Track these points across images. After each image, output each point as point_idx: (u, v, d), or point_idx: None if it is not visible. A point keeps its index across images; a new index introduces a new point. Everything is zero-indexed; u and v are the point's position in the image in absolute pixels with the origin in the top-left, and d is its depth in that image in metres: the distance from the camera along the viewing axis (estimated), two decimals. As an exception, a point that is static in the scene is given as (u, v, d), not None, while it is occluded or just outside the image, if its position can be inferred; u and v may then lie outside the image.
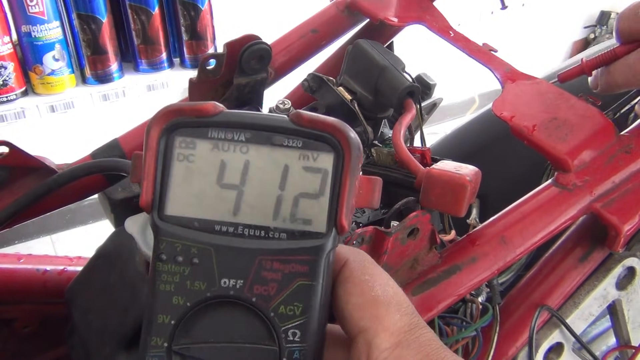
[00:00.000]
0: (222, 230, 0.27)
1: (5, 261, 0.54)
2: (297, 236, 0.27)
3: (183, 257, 0.27)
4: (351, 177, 0.27)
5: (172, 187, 0.27)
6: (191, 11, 1.66)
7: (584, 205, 0.50)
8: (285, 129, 0.27)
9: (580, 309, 0.54)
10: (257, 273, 0.27)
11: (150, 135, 0.27)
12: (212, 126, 0.27)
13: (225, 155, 0.27)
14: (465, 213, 0.42)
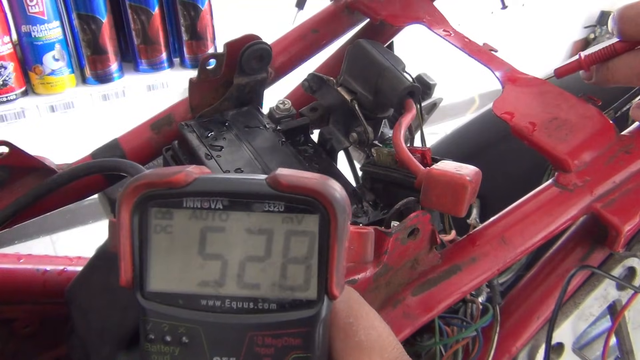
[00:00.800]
0: (208, 305, 0.26)
1: (5, 261, 0.54)
2: (287, 307, 0.26)
3: (171, 336, 0.26)
4: (339, 241, 0.26)
5: (152, 262, 0.26)
6: (191, 11, 1.66)
7: (584, 206, 0.50)
8: (264, 195, 0.26)
9: (581, 309, 0.54)
10: (249, 349, 0.26)
11: (121, 212, 0.26)
12: (186, 196, 0.26)
13: (204, 224, 0.26)
14: (466, 213, 0.42)
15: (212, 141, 0.51)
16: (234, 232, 0.26)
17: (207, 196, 0.26)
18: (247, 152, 0.51)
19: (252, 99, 0.57)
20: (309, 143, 0.56)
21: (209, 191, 0.26)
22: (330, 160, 0.55)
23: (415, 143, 0.59)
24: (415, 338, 0.48)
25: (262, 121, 0.55)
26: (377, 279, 0.41)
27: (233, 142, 0.52)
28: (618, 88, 0.53)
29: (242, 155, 0.50)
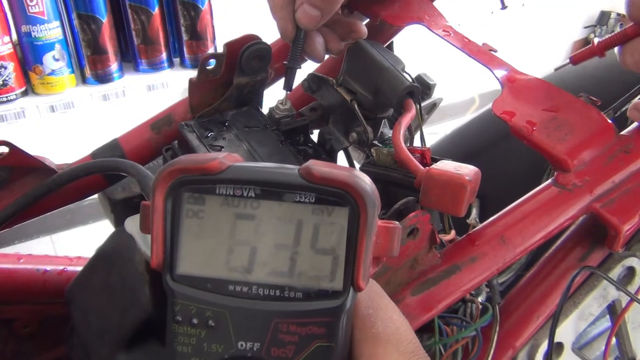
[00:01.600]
0: (236, 290, 0.27)
1: (5, 261, 0.54)
2: (313, 296, 0.26)
3: (198, 319, 0.27)
4: (368, 234, 0.26)
5: (183, 245, 0.27)
6: (191, 11, 1.66)
7: (583, 205, 0.50)
8: (295, 185, 0.26)
9: (580, 308, 0.54)
10: (273, 335, 0.26)
11: (155, 195, 0.26)
12: (219, 183, 0.26)
13: (236, 211, 0.26)
14: (465, 213, 0.42)
15: (212, 141, 0.52)
16: (265, 220, 0.26)
17: (240, 184, 0.26)
18: (247, 152, 0.51)
19: (252, 99, 0.57)
20: (309, 143, 0.56)
21: (242, 179, 0.26)
22: (330, 160, 0.55)
23: (415, 143, 0.59)
24: (415, 338, 0.48)
25: (262, 121, 0.55)
26: (376, 279, 0.41)
27: (233, 142, 0.52)
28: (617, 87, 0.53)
29: (242, 155, 0.50)
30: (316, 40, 0.52)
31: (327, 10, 0.49)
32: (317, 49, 0.53)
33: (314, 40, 0.52)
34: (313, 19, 0.49)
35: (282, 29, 0.51)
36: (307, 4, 0.48)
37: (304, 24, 0.49)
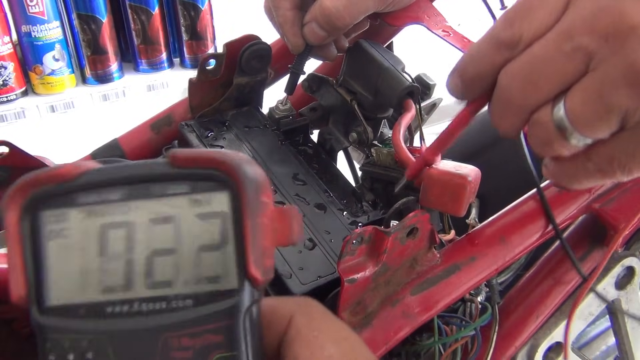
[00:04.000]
0: (115, 312, 0.23)
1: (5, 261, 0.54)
2: (204, 300, 0.23)
3: (74, 354, 0.23)
4: (252, 216, 0.22)
5: (49, 272, 0.23)
6: (191, 11, 1.66)
7: (583, 205, 0.50)
8: (164, 175, 0.23)
9: (580, 308, 0.54)
10: (164, 355, 0.22)
11: (8, 217, 0.23)
12: (78, 190, 0.23)
13: (103, 220, 0.23)
14: (465, 213, 0.42)
15: (212, 141, 0.52)
16: (137, 224, 0.23)
17: (102, 186, 0.23)
18: (247, 152, 0.51)
19: (252, 99, 0.57)
20: (309, 143, 0.56)
21: (103, 180, 0.23)
22: (330, 160, 0.56)
23: (415, 143, 0.59)
24: (415, 337, 0.48)
25: (262, 121, 0.55)
26: (376, 278, 0.41)
27: (233, 142, 0.52)
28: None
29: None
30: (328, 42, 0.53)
31: (333, 33, 0.50)
32: (329, 51, 0.53)
33: (326, 43, 0.52)
34: (320, 37, 0.50)
35: (293, 44, 0.51)
36: (315, 24, 0.49)
37: (311, 41, 0.50)
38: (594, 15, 0.27)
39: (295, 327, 0.25)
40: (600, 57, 0.27)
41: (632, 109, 0.27)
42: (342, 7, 0.47)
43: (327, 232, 0.46)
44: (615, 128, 0.28)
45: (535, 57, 0.29)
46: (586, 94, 0.28)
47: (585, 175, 0.31)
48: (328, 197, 0.49)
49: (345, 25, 0.49)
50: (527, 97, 0.30)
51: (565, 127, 0.29)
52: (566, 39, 0.28)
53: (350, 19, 0.48)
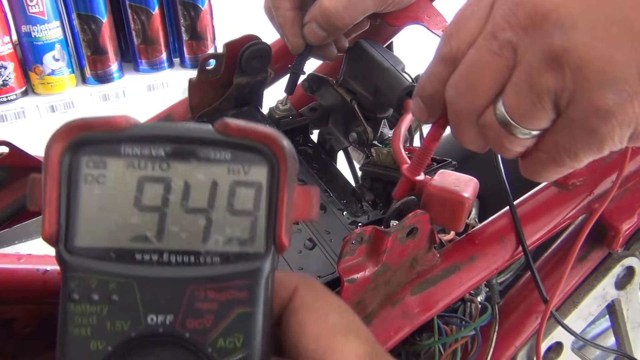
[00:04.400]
0: (144, 259, 0.24)
1: (5, 261, 0.54)
2: (232, 259, 0.24)
3: (99, 294, 0.24)
4: (289, 190, 0.25)
5: (81, 214, 0.24)
6: (191, 11, 1.66)
7: (583, 205, 0.50)
8: (210, 140, 0.24)
9: (580, 308, 0.54)
10: (189, 304, 0.24)
11: (50, 155, 0.24)
12: (124, 142, 0.24)
13: (142, 174, 0.24)
14: (463, 228, 0.42)
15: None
16: (175, 183, 0.24)
17: (148, 142, 0.24)
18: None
19: (252, 99, 0.57)
20: (309, 143, 0.56)
21: (151, 135, 0.24)
22: (330, 160, 0.56)
23: (415, 143, 0.59)
24: (415, 337, 0.48)
25: (262, 121, 0.55)
26: (376, 278, 0.41)
27: (233, 142, 0.52)
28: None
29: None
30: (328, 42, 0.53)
31: (333, 33, 0.50)
32: (330, 51, 0.54)
33: (326, 43, 0.52)
34: (319, 37, 0.50)
35: (293, 44, 0.51)
36: (315, 24, 0.49)
37: (310, 41, 0.51)
38: (512, 11, 0.29)
39: (300, 297, 0.27)
40: (523, 48, 0.29)
41: (559, 89, 0.28)
42: (341, 7, 0.47)
43: (327, 232, 0.46)
44: (552, 114, 0.30)
45: (470, 63, 0.31)
46: (517, 87, 0.30)
47: (542, 166, 0.32)
48: (328, 197, 0.49)
49: (345, 26, 0.49)
50: (471, 103, 0.32)
51: (509, 123, 0.31)
52: (492, 39, 0.30)
53: (349, 19, 0.48)
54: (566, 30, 0.27)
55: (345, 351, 0.25)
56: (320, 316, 0.26)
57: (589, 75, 0.27)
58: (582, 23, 0.27)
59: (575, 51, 0.27)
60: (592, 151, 0.30)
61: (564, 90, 0.28)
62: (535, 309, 0.53)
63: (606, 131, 0.28)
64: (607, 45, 0.27)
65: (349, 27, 0.49)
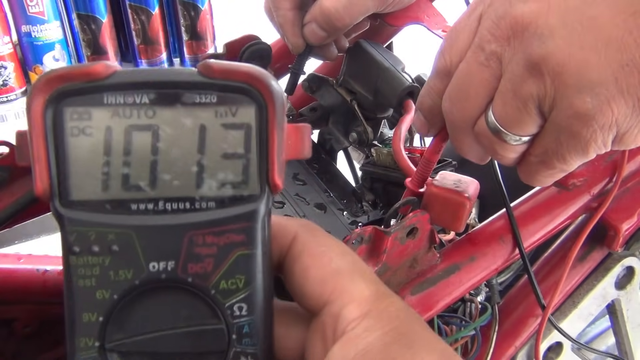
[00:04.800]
0: (140, 209, 0.24)
1: (5, 261, 0.54)
2: (227, 203, 0.25)
3: (100, 246, 0.24)
4: (279, 129, 0.24)
5: (72, 168, 0.24)
6: (191, 11, 1.66)
7: (582, 205, 0.50)
8: (194, 83, 0.24)
9: (579, 308, 0.54)
10: (189, 250, 0.24)
11: (32, 109, 0.23)
12: (106, 90, 0.23)
13: (128, 122, 0.24)
14: (464, 228, 0.42)
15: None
16: (162, 130, 0.24)
17: (131, 89, 0.23)
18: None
19: (252, 99, 0.57)
20: (309, 143, 0.56)
21: (133, 82, 0.23)
22: (330, 160, 0.56)
23: (415, 143, 0.59)
24: (415, 337, 0.48)
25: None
26: (376, 279, 0.41)
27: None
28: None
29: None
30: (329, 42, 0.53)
31: (333, 33, 0.50)
32: (330, 51, 0.54)
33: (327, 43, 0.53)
34: (320, 38, 0.50)
35: (294, 44, 0.52)
36: (315, 24, 0.49)
37: (311, 41, 0.51)
38: (496, 24, 0.31)
39: (301, 242, 0.27)
40: (507, 58, 0.30)
41: (541, 95, 0.30)
42: (341, 7, 0.47)
43: (327, 231, 0.46)
44: (538, 119, 0.31)
45: (461, 75, 0.33)
46: (504, 95, 0.31)
47: (535, 170, 0.34)
48: (328, 197, 0.49)
49: (345, 26, 0.49)
50: (464, 113, 0.34)
51: (499, 130, 0.32)
52: (480, 51, 0.32)
53: (349, 20, 0.48)
54: (544, 39, 0.29)
55: (352, 292, 0.26)
56: (323, 260, 0.26)
57: (567, 80, 0.28)
58: (559, 32, 0.28)
59: (553, 58, 0.28)
60: (578, 154, 0.31)
61: (546, 96, 0.29)
62: (535, 309, 0.53)
63: (588, 134, 0.29)
64: (583, 51, 0.28)
65: (349, 28, 0.50)
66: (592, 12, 0.28)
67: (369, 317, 0.25)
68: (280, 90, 0.25)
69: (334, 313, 0.25)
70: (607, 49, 0.27)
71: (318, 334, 0.26)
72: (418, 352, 0.24)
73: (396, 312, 0.25)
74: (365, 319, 0.25)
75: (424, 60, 1.19)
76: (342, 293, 0.26)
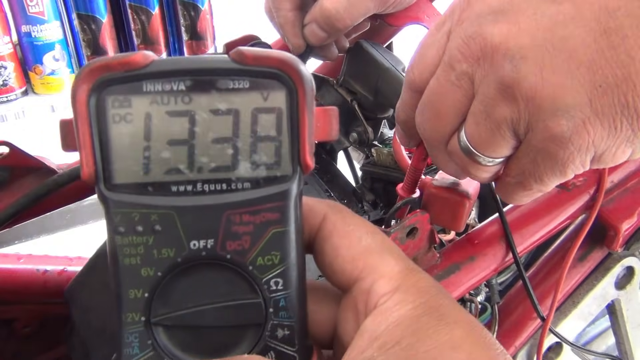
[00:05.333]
0: (180, 190, 0.25)
1: (5, 261, 0.54)
2: (261, 184, 0.26)
3: (143, 226, 0.25)
4: (309, 112, 0.26)
5: (115, 153, 0.25)
6: (191, 11, 1.66)
7: (582, 205, 0.50)
8: (228, 70, 0.25)
9: (579, 308, 0.54)
10: (227, 229, 0.26)
11: (77, 98, 0.24)
12: (145, 79, 0.25)
13: (166, 109, 0.25)
14: (464, 228, 0.42)
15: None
16: (199, 115, 0.25)
17: (168, 77, 0.25)
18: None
19: (252, 99, 0.57)
20: (309, 143, 0.56)
21: (170, 70, 0.25)
22: (330, 160, 0.56)
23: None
24: (415, 337, 0.48)
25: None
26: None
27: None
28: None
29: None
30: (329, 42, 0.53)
31: (333, 34, 0.50)
32: (330, 51, 0.54)
33: (327, 43, 0.53)
34: (320, 38, 0.50)
35: (294, 45, 0.52)
36: (315, 25, 0.49)
37: (311, 42, 0.51)
38: (465, 43, 0.30)
39: (330, 222, 0.28)
40: (479, 79, 0.30)
41: (515, 119, 0.29)
42: (342, 8, 0.47)
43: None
44: (513, 141, 0.31)
45: (432, 93, 0.33)
46: (476, 117, 0.31)
47: (512, 190, 0.34)
48: (329, 197, 0.49)
49: (346, 27, 0.49)
50: (436, 131, 0.33)
51: (471, 152, 0.32)
52: (450, 69, 0.31)
53: (350, 21, 0.48)
54: (516, 62, 0.28)
55: (382, 268, 0.26)
56: (353, 239, 0.27)
57: (541, 103, 0.28)
58: (530, 54, 0.28)
59: (526, 81, 0.28)
60: (555, 175, 0.31)
61: (520, 119, 0.29)
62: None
63: (565, 156, 0.29)
64: (556, 74, 0.27)
65: (349, 28, 0.50)
66: (563, 32, 0.27)
67: (400, 292, 0.25)
68: (309, 75, 0.26)
69: (365, 289, 0.26)
70: (579, 70, 0.27)
71: (349, 310, 0.27)
72: (448, 324, 0.24)
73: (426, 287, 0.26)
74: (396, 293, 0.25)
75: (424, 60, 1.18)
76: (372, 270, 0.26)
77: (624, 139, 0.28)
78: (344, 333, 0.27)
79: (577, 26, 0.27)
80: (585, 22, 0.27)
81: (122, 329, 0.26)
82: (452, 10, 0.33)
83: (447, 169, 0.37)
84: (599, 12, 0.27)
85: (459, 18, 0.32)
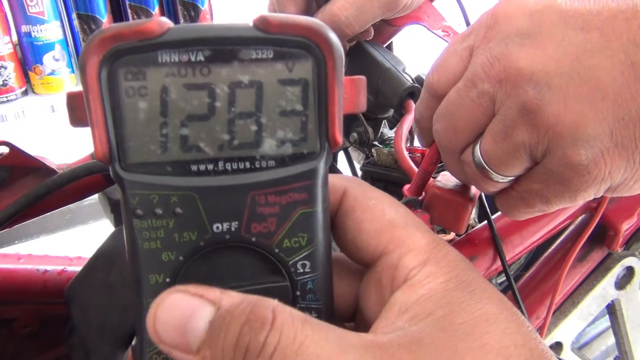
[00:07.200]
0: (200, 170, 0.23)
1: (5, 261, 0.54)
2: (287, 162, 0.24)
3: (163, 209, 0.24)
4: (338, 84, 0.24)
5: (130, 130, 0.23)
6: (191, 11, 1.66)
7: (582, 205, 0.50)
8: (250, 39, 0.23)
9: (579, 308, 0.55)
10: (252, 210, 0.24)
11: (87, 71, 0.22)
12: (160, 48, 0.22)
13: (184, 81, 0.23)
14: (465, 229, 0.42)
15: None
16: (219, 88, 0.23)
17: (186, 46, 0.22)
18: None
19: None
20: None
21: (187, 39, 0.22)
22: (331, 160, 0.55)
23: (415, 143, 0.59)
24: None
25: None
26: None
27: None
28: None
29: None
30: None
31: (340, 39, 0.50)
32: None
33: None
34: None
35: None
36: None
37: None
38: (490, 62, 0.30)
39: (352, 197, 0.27)
40: (500, 100, 0.30)
41: (533, 143, 0.29)
42: (352, 17, 0.48)
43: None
44: (528, 163, 0.31)
45: (451, 104, 0.33)
46: (494, 135, 0.31)
47: (514, 205, 0.34)
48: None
49: (354, 33, 0.49)
50: (451, 140, 0.34)
51: (484, 168, 0.32)
52: (471, 86, 0.31)
53: (359, 27, 0.49)
54: (540, 88, 0.28)
55: (408, 242, 0.25)
56: (376, 213, 0.26)
57: (562, 131, 0.28)
58: (555, 82, 0.28)
59: (549, 109, 0.28)
60: (564, 199, 0.31)
61: (539, 144, 0.29)
62: (535, 309, 0.54)
63: (579, 184, 0.29)
64: (579, 104, 0.27)
65: (356, 34, 0.50)
66: (590, 62, 0.27)
67: (430, 265, 0.25)
68: (339, 43, 0.24)
69: (391, 263, 0.25)
70: (603, 101, 0.27)
71: (373, 285, 0.26)
72: (480, 299, 0.24)
73: (455, 260, 0.25)
74: (425, 266, 0.25)
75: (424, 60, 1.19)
76: (398, 243, 0.26)
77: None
78: (367, 307, 0.27)
79: (605, 57, 0.27)
80: (612, 53, 0.27)
81: (141, 312, 0.24)
82: (478, 25, 0.32)
83: (458, 176, 0.37)
84: (628, 44, 0.26)
85: (485, 35, 0.31)
